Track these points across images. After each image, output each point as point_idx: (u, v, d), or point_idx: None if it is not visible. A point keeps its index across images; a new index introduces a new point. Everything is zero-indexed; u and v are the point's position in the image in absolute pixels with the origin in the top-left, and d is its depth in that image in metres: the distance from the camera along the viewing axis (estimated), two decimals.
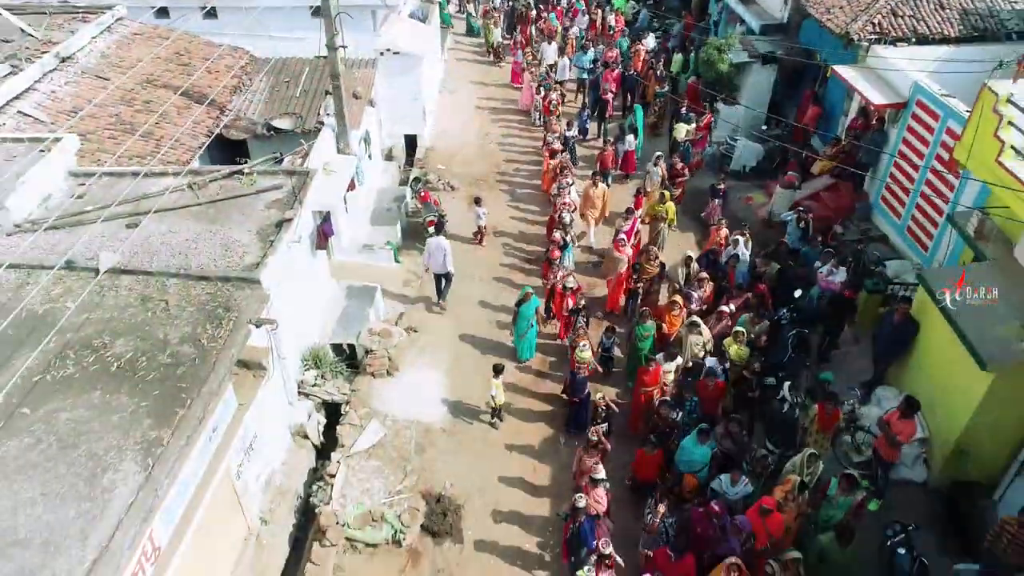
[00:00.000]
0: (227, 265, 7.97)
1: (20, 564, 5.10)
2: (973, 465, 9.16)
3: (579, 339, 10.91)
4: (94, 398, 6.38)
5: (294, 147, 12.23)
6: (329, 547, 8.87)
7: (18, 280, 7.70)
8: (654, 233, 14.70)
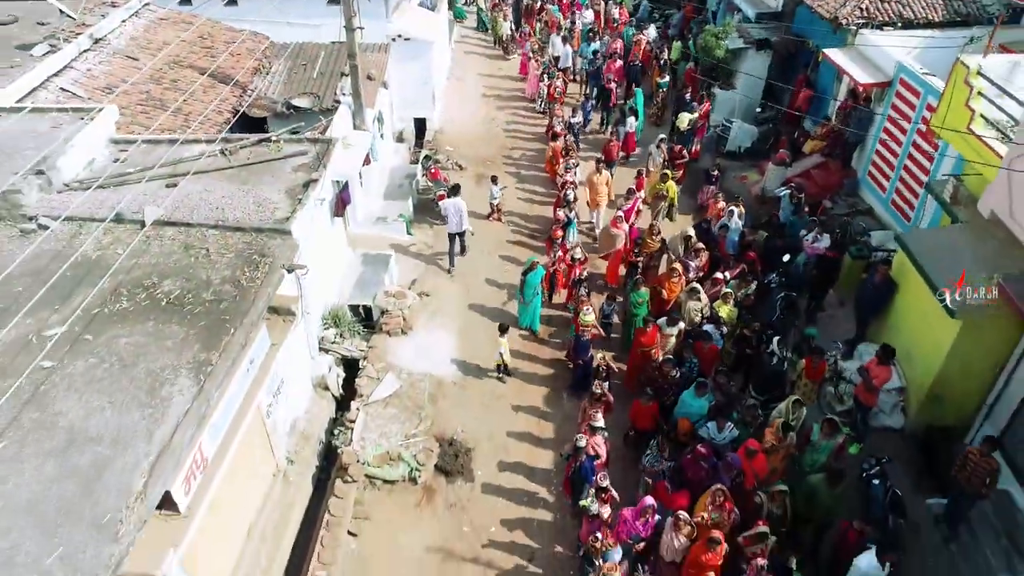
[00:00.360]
0: (260, 219, 8.74)
1: (94, 457, 5.87)
2: (946, 410, 9.91)
3: (582, 305, 11.66)
4: (148, 327, 7.16)
5: (312, 124, 12.98)
6: (351, 483, 9.65)
7: (71, 231, 8.47)
8: (655, 212, 15.48)
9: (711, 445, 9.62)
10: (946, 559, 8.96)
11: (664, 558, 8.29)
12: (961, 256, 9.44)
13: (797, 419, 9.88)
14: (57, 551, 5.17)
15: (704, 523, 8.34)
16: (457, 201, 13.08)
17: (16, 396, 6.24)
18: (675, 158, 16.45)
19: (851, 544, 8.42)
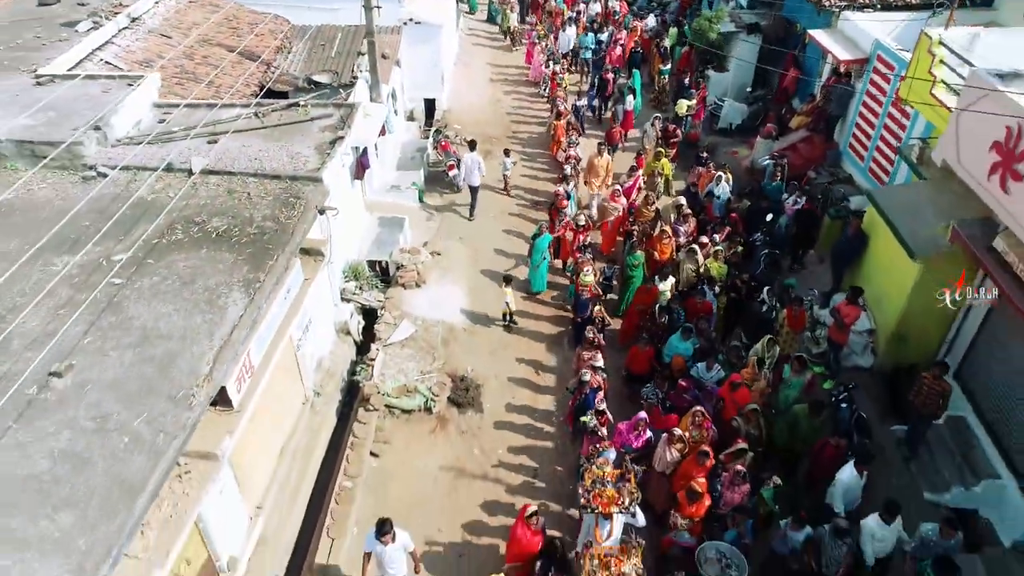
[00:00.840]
0: (294, 168, 9.80)
1: (166, 349, 6.93)
2: (911, 350, 10.92)
3: (583, 265, 12.71)
4: (202, 254, 8.22)
5: (332, 98, 14.04)
6: (372, 411, 10.72)
7: (127, 178, 9.53)
8: (651, 187, 16.52)
9: (701, 383, 10.68)
10: (907, 477, 9.97)
11: (656, 469, 9.32)
12: (923, 208, 10.48)
13: (771, 356, 10.93)
14: (143, 416, 6.23)
15: (687, 441, 9.37)
16: (475, 156, 14.63)
17: (94, 305, 7.30)
18: (668, 137, 17.50)
19: (828, 459, 9.43)
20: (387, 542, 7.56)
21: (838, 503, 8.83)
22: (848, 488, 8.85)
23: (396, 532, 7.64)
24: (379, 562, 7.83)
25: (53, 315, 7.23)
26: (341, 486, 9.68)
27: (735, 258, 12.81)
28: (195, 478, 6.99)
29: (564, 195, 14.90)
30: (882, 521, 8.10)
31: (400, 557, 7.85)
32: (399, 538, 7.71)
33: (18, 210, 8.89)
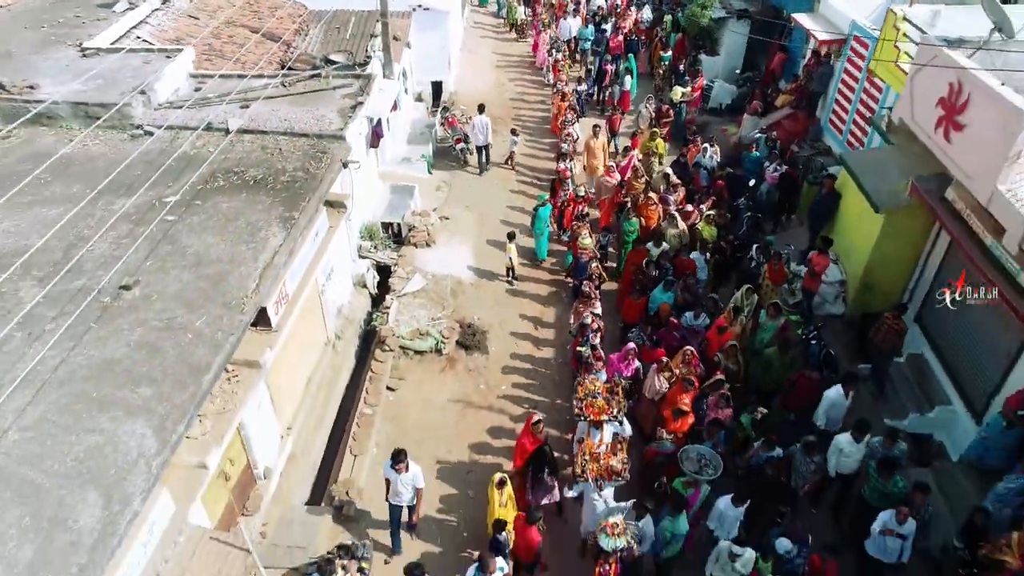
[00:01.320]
0: (320, 128, 10.92)
1: (218, 269, 8.05)
2: (876, 298, 12.00)
3: (581, 230, 13.79)
4: (242, 197, 9.35)
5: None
6: (388, 351, 11.82)
7: (171, 136, 10.66)
8: (646, 166, 17.59)
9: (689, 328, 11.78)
10: (870, 408, 11.06)
11: (646, 396, 10.42)
12: (887, 168, 11.56)
13: (749, 304, 12.01)
14: (203, 319, 7.35)
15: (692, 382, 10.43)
16: (483, 118, 15.87)
17: (151, 237, 8.43)
18: (662, 117, 18.58)
19: (802, 390, 10.48)
20: (400, 471, 8.36)
21: (821, 419, 9.88)
22: (833, 404, 9.83)
23: (410, 464, 8.44)
24: (392, 488, 8.72)
25: (117, 244, 8.36)
26: (361, 413, 10.79)
27: (722, 220, 13.90)
28: (242, 381, 8.11)
29: (566, 168, 16.00)
30: (852, 439, 9.17)
31: (408, 488, 8.55)
32: (411, 469, 8.47)
33: (77, 162, 10.02)
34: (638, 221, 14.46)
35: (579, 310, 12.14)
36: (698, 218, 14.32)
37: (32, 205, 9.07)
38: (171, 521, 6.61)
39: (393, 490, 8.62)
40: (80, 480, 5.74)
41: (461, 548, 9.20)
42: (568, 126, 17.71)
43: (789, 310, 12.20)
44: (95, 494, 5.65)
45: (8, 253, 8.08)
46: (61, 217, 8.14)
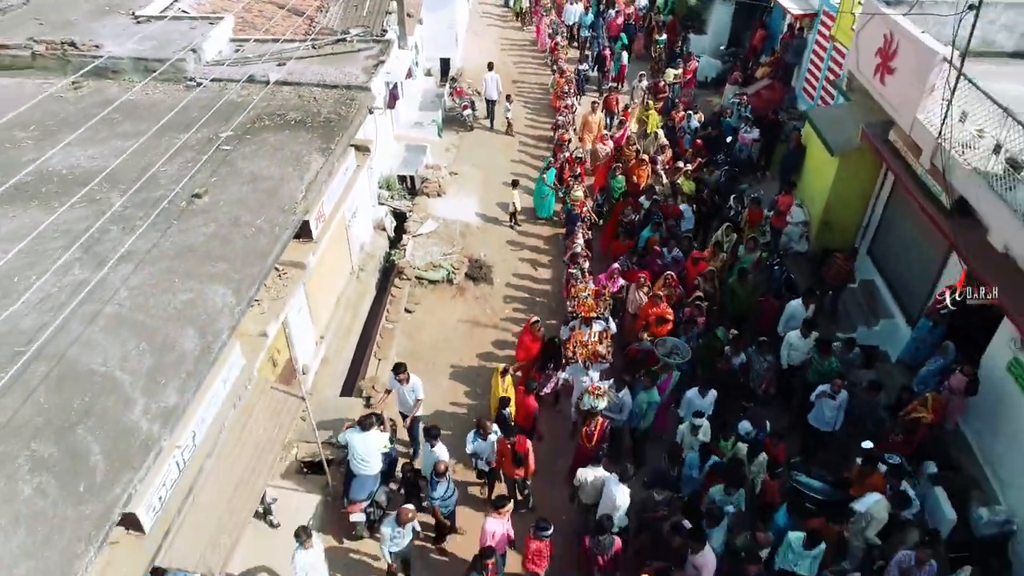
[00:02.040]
0: (348, 81, 12.56)
1: (270, 184, 9.69)
2: (835, 235, 13.65)
3: (574, 184, 15.46)
4: (285, 134, 10.99)
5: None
6: (405, 280, 13.49)
7: (218, 88, 12.28)
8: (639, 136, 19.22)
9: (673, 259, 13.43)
10: (825, 326, 12.70)
11: (629, 311, 12.07)
12: (844, 120, 13.20)
13: (728, 241, 13.65)
14: (262, 218, 9.00)
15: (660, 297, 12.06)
16: (492, 74, 17.96)
17: (212, 162, 10.08)
18: (657, 92, 20.22)
19: (767, 313, 12.13)
20: (402, 381, 9.84)
21: (782, 327, 11.55)
22: (793, 316, 11.50)
23: (411, 376, 9.85)
24: (399, 397, 10.17)
25: (184, 167, 9.99)
26: (383, 327, 12.46)
27: (708, 172, 15.57)
28: (290, 278, 9.77)
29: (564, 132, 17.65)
30: (801, 334, 10.82)
31: (408, 397, 9.96)
32: (412, 380, 9.88)
33: (142, 106, 11.66)
34: (623, 179, 16.13)
35: (571, 243, 13.79)
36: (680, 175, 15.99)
37: (109, 139, 10.71)
38: (241, 372, 8.27)
39: (401, 399, 10.14)
40: (180, 321, 7.39)
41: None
42: (566, 98, 19.35)
43: (760, 247, 13.86)
44: (193, 330, 7.31)
45: (96, 172, 9.72)
46: (135, 145, 9.78)
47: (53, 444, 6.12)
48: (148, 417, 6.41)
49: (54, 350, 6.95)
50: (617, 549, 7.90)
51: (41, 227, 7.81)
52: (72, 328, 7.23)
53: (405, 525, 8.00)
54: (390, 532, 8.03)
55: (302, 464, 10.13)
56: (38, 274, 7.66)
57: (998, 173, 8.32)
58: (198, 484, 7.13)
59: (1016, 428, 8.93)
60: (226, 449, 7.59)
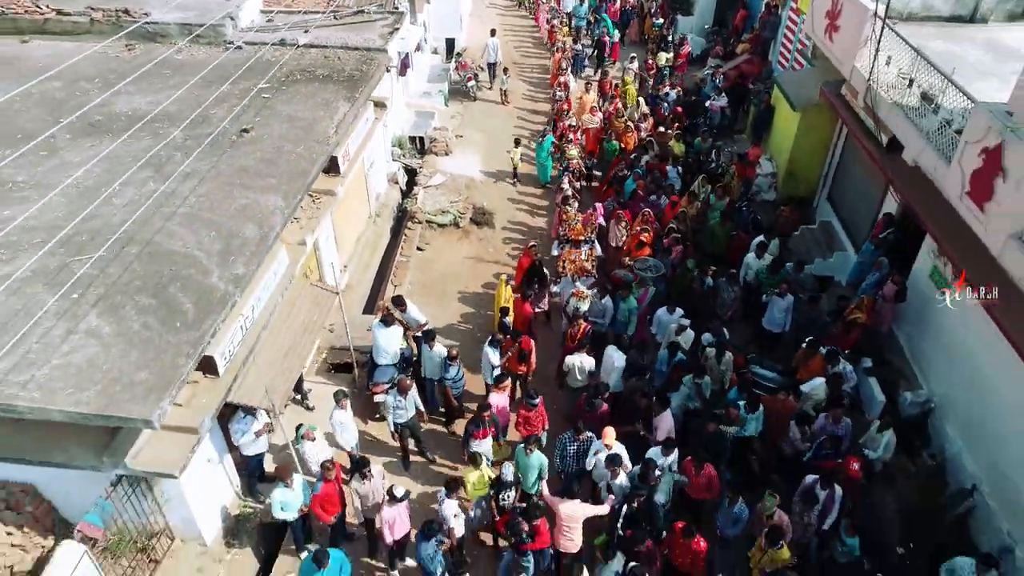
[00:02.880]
0: (367, 45, 14.28)
1: (307, 122, 11.40)
2: (799, 184, 15.36)
3: (569, 144, 17.17)
4: (315, 85, 12.70)
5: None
6: (417, 223, 15.20)
7: (253, 49, 14.00)
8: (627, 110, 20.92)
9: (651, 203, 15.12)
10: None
11: (611, 245, 13.77)
12: (807, 81, 14.90)
13: (704, 191, 15.34)
14: (301, 147, 10.71)
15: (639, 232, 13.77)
16: (495, 40, 20.10)
17: (253, 107, 11.78)
18: (648, 71, 21.91)
19: (738, 245, 13.80)
20: (403, 310, 11.33)
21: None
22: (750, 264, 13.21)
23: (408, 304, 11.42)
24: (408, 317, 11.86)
25: (231, 109, 11.70)
26: (399, 261, 14.18)
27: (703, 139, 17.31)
28: (322, 203, 11.48)
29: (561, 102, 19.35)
30: (756, 255, 12.53)
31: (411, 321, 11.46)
32: (409, 308, 11.38)
33: (188, 65, 13.37)
34: (618, 143, 17.85)
35: (561, 187, 15.48)
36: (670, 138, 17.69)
37: (163, 89, 12.41)
38: (286, 269, 9.98)
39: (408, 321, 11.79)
40: (242, 218, 9.10)
41: (477, 342, 12.55)
42: (562, 74, 21.03)
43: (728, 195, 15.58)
44: (252, 224, 9.02)
45: (155, 116, 11.45)
46: (186, 95, 11.49)
47: (152, 297, 7.85)
48: (223, 281, 8.13)
49: (143, 238, 8.68)
50: (604, 411, 9.61)
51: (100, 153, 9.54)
52: (155, 223, 8.96)
53: (406, 394, 9.66)
54: (393, 401, 9.71)
55: (331, 366, 11.86)
56: (121, 186, 9.38)
57: (914, 105, 10.00)
58: (257, 347, 8.84)
59: (936, 326, 10.62)
60: (277, 324, 9.30)
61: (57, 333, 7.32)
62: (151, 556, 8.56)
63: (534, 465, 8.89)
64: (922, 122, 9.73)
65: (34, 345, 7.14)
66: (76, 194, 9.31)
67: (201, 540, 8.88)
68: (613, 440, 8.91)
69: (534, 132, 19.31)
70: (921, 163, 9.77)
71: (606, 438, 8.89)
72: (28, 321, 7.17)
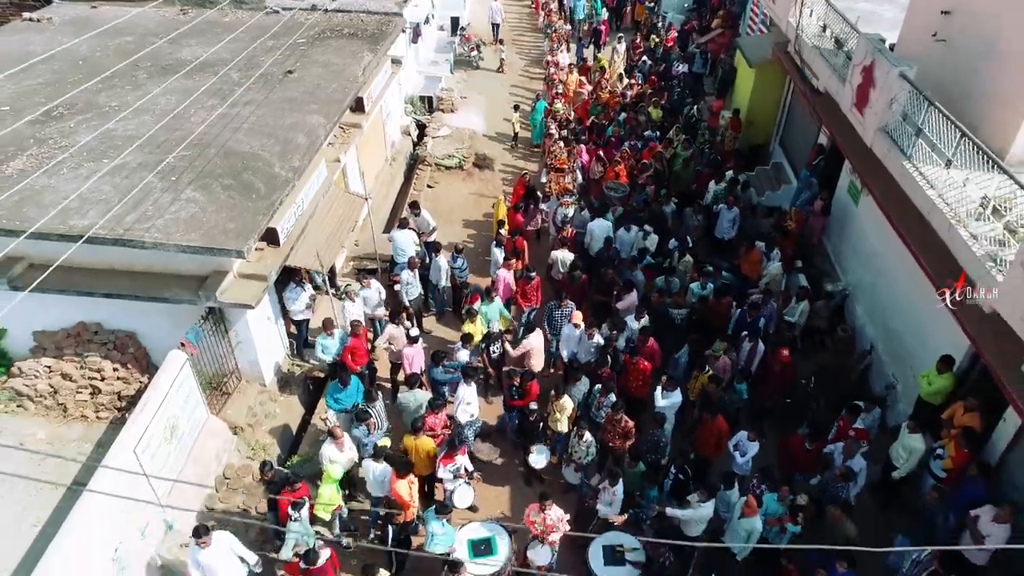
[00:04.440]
0: (386, 9, 16.77)
1: (338, 68, 13.89)
2: (758, 133, 17.81)
3: (558, 100, 19.65)
4: (343, 41, 15.19)
5: None
6: (427, 166, 17.69)
7: (288, 15, 16.50)
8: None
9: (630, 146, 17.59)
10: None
11: (592, 178, 16.23)
12: (762, 43, 17.36)
13: (678, 139, 17.81)
14: (335, 84, 13.19)
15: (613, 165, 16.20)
16: (497, 3, 22.61)
17: (294, 55, 14.26)
18: (636, 49, 24.39)
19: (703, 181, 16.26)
20: (416, 214, 14.05)
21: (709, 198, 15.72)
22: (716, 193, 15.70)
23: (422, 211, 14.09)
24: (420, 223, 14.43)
25: (275, 56, 14.19)
26: (412, 193, 16.65)
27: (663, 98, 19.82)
28: (350, 133, 13.95)
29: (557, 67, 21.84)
30: (715, 183, 15.01)
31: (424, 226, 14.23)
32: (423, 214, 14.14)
33: (233, 24, 15.85)
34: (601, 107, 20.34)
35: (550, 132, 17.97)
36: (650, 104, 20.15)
37: (215, 42, 14.90)
38: (325, 179, 12.44)
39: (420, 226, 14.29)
40: (293, 131, 11.58)
41: (479, 255, 15.00)
42: (555, 53, 23.47)
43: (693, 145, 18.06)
44: (302, 135, 11.50)
45: (214, 60, 13.92)
46: (237, 46, 13.95)
47: (232, 179, 10.34)
48: (284, 170, 10.63)
49: (219, 143, 11.17)
50: (584, 280, 12.11)
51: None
52: (225, 135, 11.44)
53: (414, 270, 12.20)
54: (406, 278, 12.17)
55: (358, 270, 14.33)
56: (195, 109, 11.87)
57: (828, 48, 12.45)
58: (307, 228, 11.33)
59: (851, 231, 13.05)
60: (321, 215, 11.78)
61: (165, 201, 9.80)
62: (223, 390, 11.03)
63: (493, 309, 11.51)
64: (833, 60, 12.17)
65: (149, 207, 9.63)
66: (161, 114, 11.80)
67: (262, 381, 11.37)
68: (580, 321, 11.24)
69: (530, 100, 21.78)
70: (828, 88, 12.24)
71: (574, 319, 11.24)
72: (142, 194, 9.66)
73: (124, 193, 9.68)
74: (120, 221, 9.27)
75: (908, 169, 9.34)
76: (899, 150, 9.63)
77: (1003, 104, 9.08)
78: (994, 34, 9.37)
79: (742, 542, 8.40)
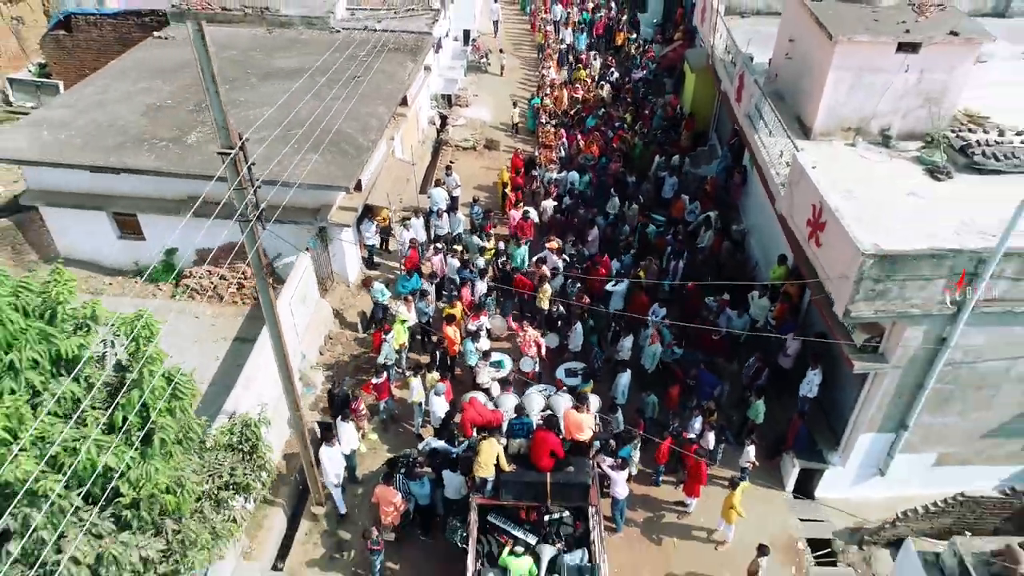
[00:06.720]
0: (419, 30, 22.47)
1: (390, 74, 19.59)
2: (699, 122, 23.51)
3: (546, 98, 25.42)
4: (391, 54, 20.88)
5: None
6: (448, 147, 23.45)
7: (347, 33, 22.20)
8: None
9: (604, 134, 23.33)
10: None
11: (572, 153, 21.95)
12: (701, 54, 23.06)
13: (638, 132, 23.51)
14: (391, 84, 18.91)
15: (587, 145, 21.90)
16: (497, 5, 28.82)
17: (358, 64, 19.98)
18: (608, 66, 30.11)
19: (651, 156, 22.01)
20: (449, 173, 19.88)
21: None
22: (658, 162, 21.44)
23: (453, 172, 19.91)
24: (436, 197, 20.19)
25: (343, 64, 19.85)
26: (438, 168, 22.38)
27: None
28: (399, 121, 19.66)
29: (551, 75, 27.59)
30: (658, 157, 20.75)
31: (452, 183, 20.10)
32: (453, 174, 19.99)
33: (310, 42, 21.57)
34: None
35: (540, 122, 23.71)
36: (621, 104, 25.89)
37: (296, 56, 20.63)
38: (385, 149, 18.12)
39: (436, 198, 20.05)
40: (367, 116, 17.30)
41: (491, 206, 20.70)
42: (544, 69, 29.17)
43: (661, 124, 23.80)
44: (374, 119, 17.21)
45: (297, 68, 19.59)
46: (311, 57, 19.60)
47: (333, 147, 16.06)
48: (365, 140, 16.36)
49: (319, 124, 16.88)
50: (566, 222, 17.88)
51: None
52: (322, 118, 17.15)
53: None
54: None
55: (403, 218, 20.04)
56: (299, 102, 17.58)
57: (728, 60, 18.18)
58: (378, 180, 17.04)
59: (750, 192, 18.75)
60: (384, 175, 17.49)
61: (292, 161, 15.51)
62: (324, 286, 16.76)
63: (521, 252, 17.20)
64: (729, 68, 17.89)
65: (281, 163, 15.35)
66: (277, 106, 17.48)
67: (347, 283, 17.11)
68: (556, 245, 16.98)
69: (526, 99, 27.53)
70: (725, 88, 17.97)
71: (550, 243, 16.98)
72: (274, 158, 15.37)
73: (270, 155, 15.39)
74: (270, 172, 14.99)
75: (756, 140, 15.09)
76: (753, 128, 15.38)
77: (810, 98, 14.73)
78: (807, 58, 15.06)
79: (650, 359, 14.16)
